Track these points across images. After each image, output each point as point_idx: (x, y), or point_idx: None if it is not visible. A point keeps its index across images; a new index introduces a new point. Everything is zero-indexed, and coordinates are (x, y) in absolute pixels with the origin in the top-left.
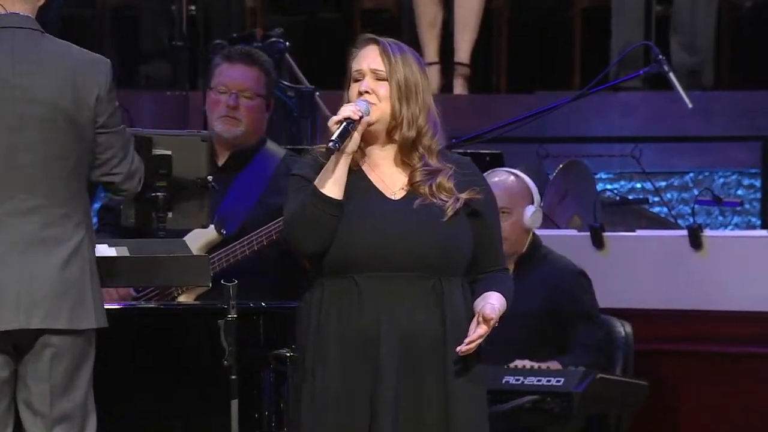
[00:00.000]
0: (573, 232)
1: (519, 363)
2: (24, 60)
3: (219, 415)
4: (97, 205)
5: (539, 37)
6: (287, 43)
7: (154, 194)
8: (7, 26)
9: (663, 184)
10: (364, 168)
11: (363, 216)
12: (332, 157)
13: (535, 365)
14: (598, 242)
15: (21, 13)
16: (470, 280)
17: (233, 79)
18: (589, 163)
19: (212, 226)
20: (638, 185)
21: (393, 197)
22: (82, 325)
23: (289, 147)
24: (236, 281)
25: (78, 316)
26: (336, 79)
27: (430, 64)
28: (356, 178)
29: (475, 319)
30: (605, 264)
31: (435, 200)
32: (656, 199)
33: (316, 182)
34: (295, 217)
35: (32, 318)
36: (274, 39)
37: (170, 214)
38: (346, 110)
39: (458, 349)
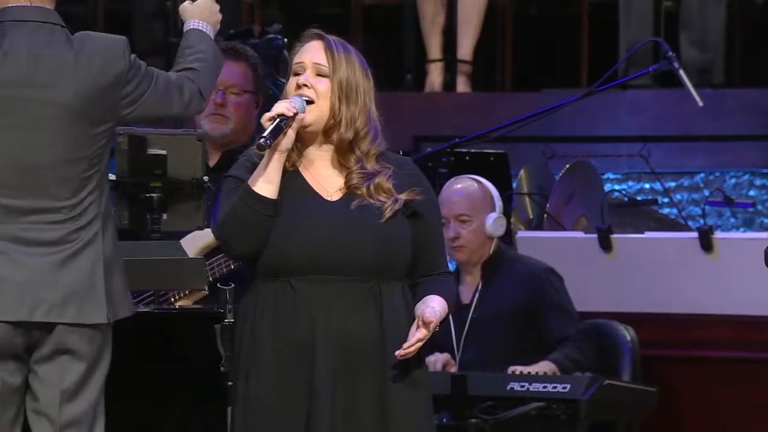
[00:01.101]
0: (580, 234)
1: (511, 369)
2: (42, 58)
3: (216, 422)
4: None
5: (545, 34)
6: (286, 40)
7: (148, 195)
8: (28, 20)
9: (672, 184)
10: (300, 168)
11: (298, 217)
12: (265, 156)
13: (532, 370)
14: (605, 245)
15: (45, 7)
16: (411, 284)
17: (219, 76)
18: (597, 163)
19: (209, 230)
20: (647, 186)
21: (329, 198)
22: (90, 320)
23: None
24: (233, 285)
25: (86, 311)
26: None
27: (433, 61)
28: (291, 178)
29: (414, 323)
30: (613, 267)
31: (373, 201)
32: (665, 200)
33: (249, 181)
34: (227, 217)
35: (36, 310)
36: (272, 35)
37: (165, 216)
38: (280, 107)
39: (397, 353)
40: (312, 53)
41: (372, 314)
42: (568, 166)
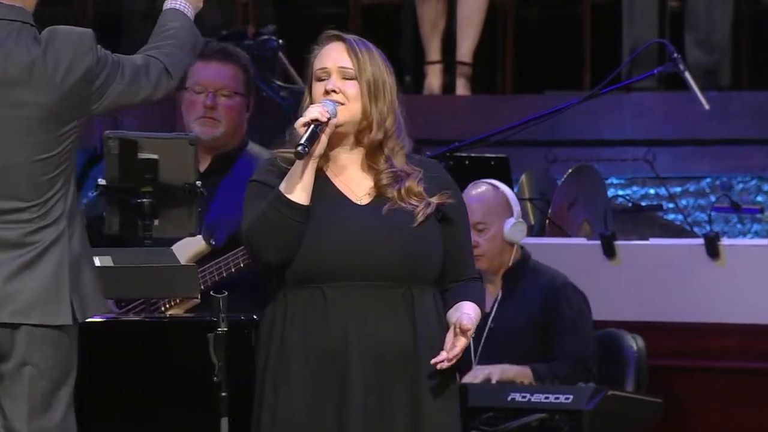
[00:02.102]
0: (582, 240)
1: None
2: (10, 56)
3: None
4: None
5: (546, 34)
6: (281, 41)
7: (139, 200)
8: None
9: (678, 189)
10: (327, 172)
11: (329, 223)
12: (297, 161)
13: (495, 372)
14: (609, 251)
15: (12, 4)
16: (440, 290)
17: (209, 78)
18: (600, 168)
19: (200, 236)
20: (652, 191)
21: (359, 202)
22: (57, 321)
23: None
24: (226, 293)
25: (52, 313)
26: None
27: (433, 63)
28: (319, 183)
29: (451, 331)
30: (617, 274)
31: (404, 205)
32: (671, 205)
33: (280, 187)
34: (257, 224)
35: (1, 312)
36: (266, 36)
37: (156, 222)
38: (313, 112)
39: (436, 362)
40: (335, 56)
41: (404, 321)
42: (570, 170)
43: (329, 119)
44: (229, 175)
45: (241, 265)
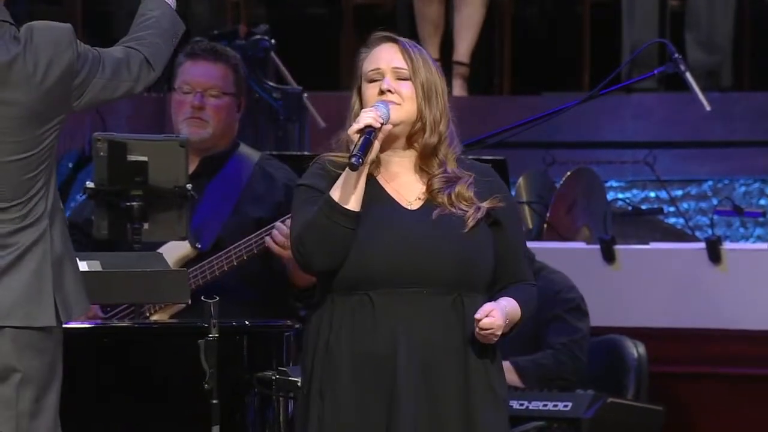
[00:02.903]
0: (581, 244)
1: None
2: None
3: None
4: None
5: (545, 34)
6: (273, 41)
7: (128, 204)
8: None
9: (679, 192)
10: (378, 176)
11: (378, 228)
12: (347, 167)
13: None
14: (608, 256)
15: None
16: (491, 296)
17: (197, 77)
18: (599, 170)
19: (185, 240)
20: (652, 194)
21: (409, 207)
22: (39, 322)
23: (274, 153)
24: (217, 298)
25: (34, 314)
26: (326, 79)
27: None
28: (370, 186)
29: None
30: (616, 279)
31: (454, 210)
32: (672, 209)
33: (331, 192)
34: (307, 231)
35: None
36: (258, 36)
37: (146, 226)
38: (367, 118)
39: (477, 317)
40: (388, 57)
41: (455, 329)
42: (569, 173)
43: (383, 124)
44: (218, 178)
45: (225, 268)
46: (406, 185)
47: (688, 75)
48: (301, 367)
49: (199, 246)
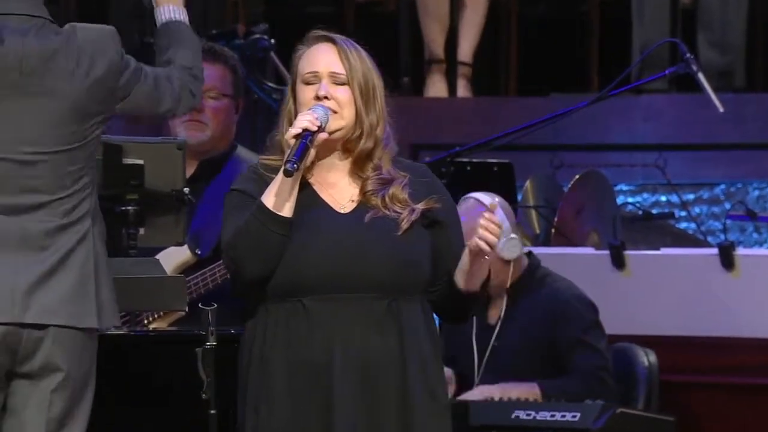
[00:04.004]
0: (590, 250)
1: (488, 389)
2: (31, 49)
3: None
4: None
5: (552, 34)
6: (272, 41)
7: (124, 208)
8: (14, 13)
9: (691, 196)
10: (311, 180)
11: (310, 233)
12: (281, 171)
13: (495, 391)
14: (618, 262)
15: (37, 2)
16: (430, 299)
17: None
18: (609, 174)
19: (185, 246)
20: (663, 198)
21: (342, 211)
22: (84, 323)
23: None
24: (215, 305)
25: (79, 314)
26: None
27: (437, 63)
28: (302, 190)
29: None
30: (626, 286)
31: (388, 212)
32: (683, 213)
33: (263, 198)
34: (239, 238)
35: (27, 312)
36: (257, 36)
37: (142, 231)
38: (303, 122)
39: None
40: (326, 60)
41: (392, 335)
42: (577, 176)
43: (320, 127)
44: (216, 181)
45: (228, 276)
46: (339, 189)
47: (701, 75)
48: (238, 380)
49: (199, 252)
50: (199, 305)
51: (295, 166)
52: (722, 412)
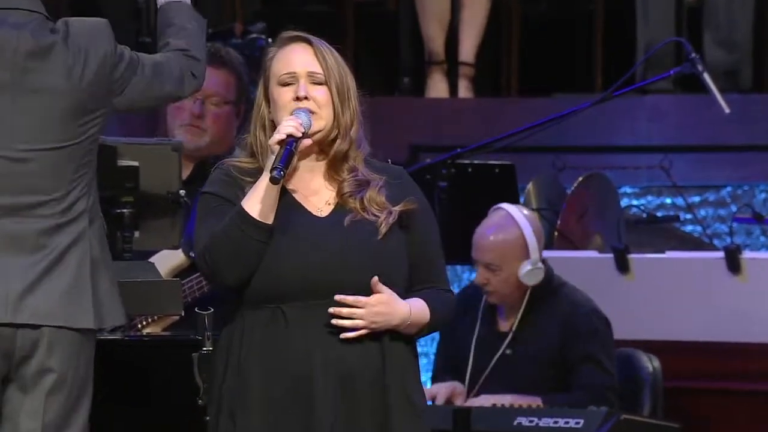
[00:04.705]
0: (594, 254)
1: (497, 399)
2: (27, 45)
3: None
4: None
5: (555, 33)
6: (270, 40)
7: (119, 211)
8: (11, 8)
9: (696, 199)
10: (286, 183)
11: (288, 237)
12: (263, 176)
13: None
14: (622, 266)
15: None
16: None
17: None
18: (613, 176)
19: (179, 249)
20: (668, 201)
21: (319, 214)
22: (78, 323)
23: None
24: (212, 309)
25: (74, 315)
26: None
27: (438, 63)
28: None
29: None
30: (631, 290)
31: (367, 215)
32: (689, 216)
33: (244, 204)
34: (216, 243)
35: (21, 313)
36: (255, 35)
37: (137, 234)
38: (288, 128)
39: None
40: (303, 60)
41: (371, 341)
42: (581, 178)
43: (304, 133)
44: None
45: None
46: (314, 192)
47: (706, 75)
48: (210, 387)
49: (193, 255)
50: (195, 309)
51: (281, 173)
52: (729, 419)
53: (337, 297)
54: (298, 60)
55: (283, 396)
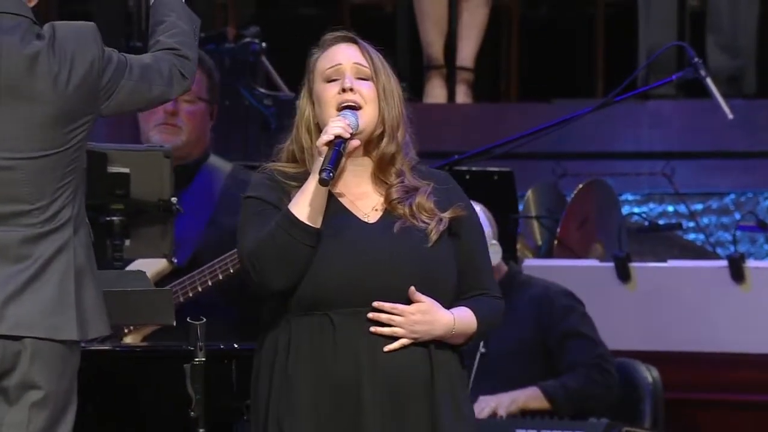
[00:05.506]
0: (594, 262)
1: (497, 399)
2: (12, 51)
3: None
4: None
5: (555, 37)
6: (264, 44)
7: (109, 218)
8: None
9: (699, 206)
10: (331, 187)
11: (336, 243)
12: (310, 178)
13: (504, 401)
14: (623, 274)
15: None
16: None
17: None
18: (614, 183)
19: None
20: (670, 208)
21: (367, 220)
22: (62, 335)
23: (247, 164)
24: (204, 319)
25: (57, 326)
26: None
27: (436, 67)
28: None
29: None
30: (632, 299)
31: (416, 222)
32: (691, 224)
33: (291, 208)
34: (263, 248)
35: (2, 324)
36: (248, 39)
37: (128, 242)
38: (336, 128)
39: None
40: (348, 54)
41: (420, 348)
42: (581, 185)
43: (352, 134)
44: (190, 189)
45: (210, 283)
46: (361, 196)
47: (709, 80)
48: (254, 395)
49: (175, 261)
50: (188, 319)
51: (331, 174)
52: (729, 431)
53: (375, 303)
54: (344, 54)
55: (331, 404)
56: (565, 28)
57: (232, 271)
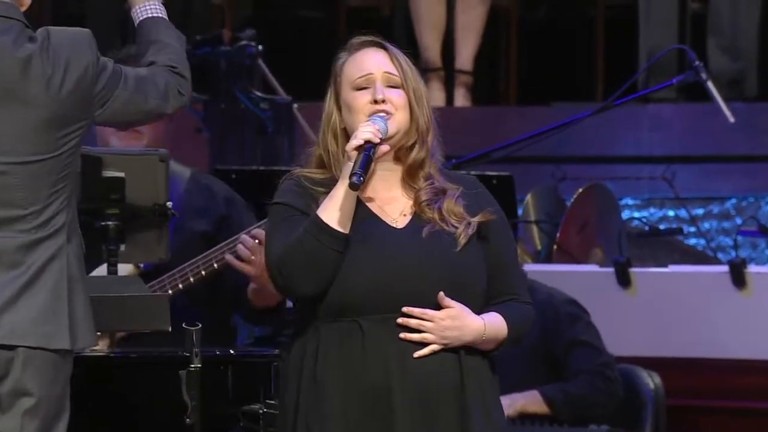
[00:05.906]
0: (594, 267)
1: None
2: (5, 55)
3: None
4: None
5: (555, 39)
6: (260, 47)
7: (104, 223)
8: None
9: (700, 211)
10: (359, 193)
11: (365, 248)
12: (339, 183)
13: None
14: (623, 280)
15: (10, 3)
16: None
17: None
18: (614, 187)
19: None
20: (671, 213)
21: (395, 225)
22: (54, 344)
23: (262, 168)
24: (200, 325)
25: (50, 335)
26: (318, 89)
27: (434, 70)
28: None
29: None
30: (632, 305)
31: (445, 226)
32: (692, 229)
33: (319, 212)
34: (292, 253)
35: None
36: (244, 42)
37: (123, 247)
38: (365, 133)
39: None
40: (378, 62)
41: (450, 354)
42: (581, 190)
43: (382, 139)
44: None
45: (181, 286)
46: (389, 201)
47: (710, 84)
48: (282, 401)
49: (142, 265)
50: (183, 325)
51: (361, 178)
52: None
53: (405, 309)
54: (373, 62)
55: (360, 410)
56: (565, 30)
57: (204, 273)
